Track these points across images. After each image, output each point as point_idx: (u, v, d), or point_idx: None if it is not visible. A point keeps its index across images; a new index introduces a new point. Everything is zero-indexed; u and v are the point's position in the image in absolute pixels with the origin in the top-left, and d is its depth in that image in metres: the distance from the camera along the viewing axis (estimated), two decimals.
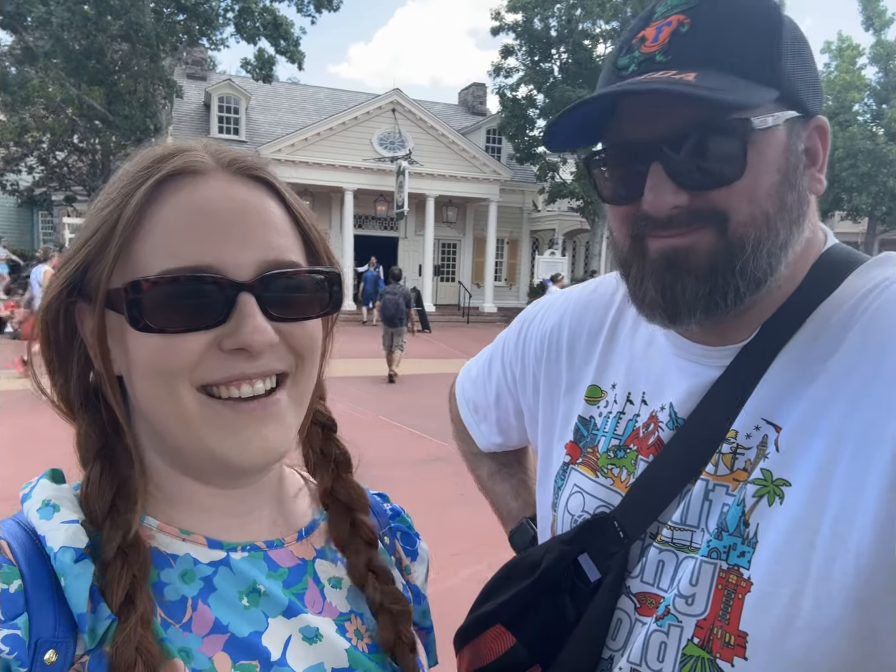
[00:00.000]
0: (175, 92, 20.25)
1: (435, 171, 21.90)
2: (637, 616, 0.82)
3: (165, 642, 0.57)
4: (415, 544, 0.87)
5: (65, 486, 0.63)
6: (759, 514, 0.72)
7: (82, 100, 19.71)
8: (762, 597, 0.70)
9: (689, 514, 0.79)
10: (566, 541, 0.89)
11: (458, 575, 4.01)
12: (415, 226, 23.87)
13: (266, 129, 23.56)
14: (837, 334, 0.74)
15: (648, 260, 0.77)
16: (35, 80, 19.75)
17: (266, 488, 0.71)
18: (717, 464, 0.78)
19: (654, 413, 0.88)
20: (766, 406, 0.76)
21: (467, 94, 31.55)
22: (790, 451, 0.73)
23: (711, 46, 0.72)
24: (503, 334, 1.21)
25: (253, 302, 0.59)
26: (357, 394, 9.73)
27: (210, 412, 0.59)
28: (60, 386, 0.65)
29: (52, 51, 18.31)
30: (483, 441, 1.26)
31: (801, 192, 0.76)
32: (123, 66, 20.02)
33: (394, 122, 21.65)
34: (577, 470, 0.95)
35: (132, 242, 0.58)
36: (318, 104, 26.62)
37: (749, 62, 0.71)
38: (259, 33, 20.19)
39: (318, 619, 0.67)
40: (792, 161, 0.75)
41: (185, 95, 21.95)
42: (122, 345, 0.60)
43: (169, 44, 19.53)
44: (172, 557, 0.62)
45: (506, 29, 22.92)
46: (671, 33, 0.73)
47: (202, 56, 26.32)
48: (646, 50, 0.74)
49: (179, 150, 0.63)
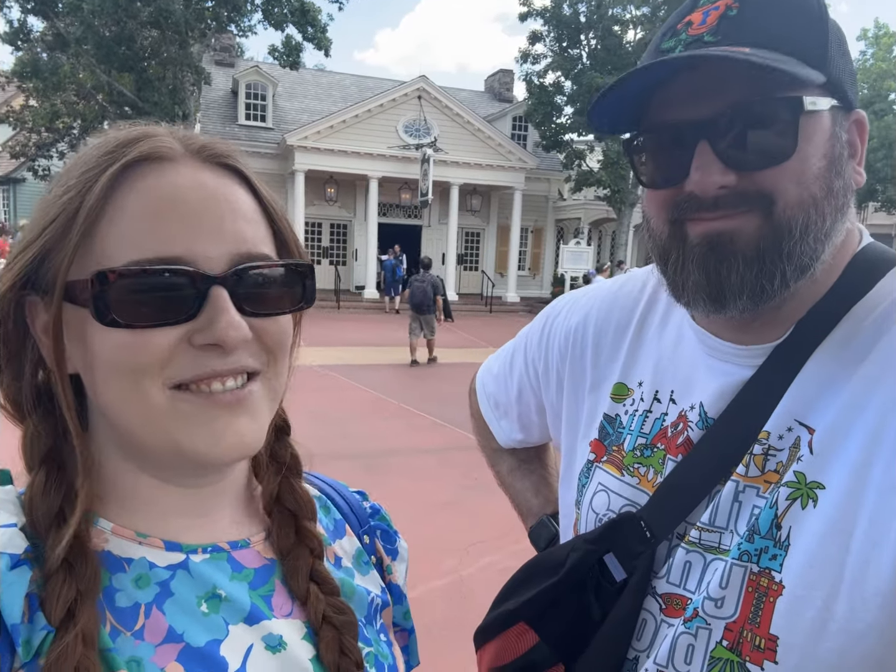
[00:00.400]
0: (203, 78, 20.40)
1: (460, 159, 21.80)
2: (663, 617, 0.81)
3: (112, 653, 0.54)
4: (395, 542, 0.84)
5: (9, 487, 0.59)
6: (792, 518, 0.71)
7: (112, 86, 19.95)
8: (794, 600, 0.69)
9: (718, 515, 0.78)
10: (591, 540, 0.88)
11: (477, 564, 4.03)
12: (439, 214, 23.82)
13: (293, 116, 23.62)
14: (872, 335, 0.73)
15: (690, 245, 0.76)
16: (66, 67, 20.01)
17: (229, 488, 0.67)
18: (748, 465, 0.77)
19: (683, 412, 0.87)
20: (799, 407, 0.75)
21: (494, 80, 31.28)
22: (824, 454, 0.71)
23: (761, 27, 0.71)
24: (526, 329, 1.20)
25: (226, 296, 0.56)
26: (380, 381, 9.78)
27: (181, 406, 0.56)
28: (7, 385, 0.60)
29: (83, 37, 18.55)
30: (503, 437, 1.25)
31: (846, 181, 0.75)
32: (153, 52, 20.22)
33: (419, 110, 21.56)
34: (602, 468, 0.94)
35: (94, 232, 0.55)
36: (344, 91, 26.62)
37: (799, 44, 0.71)
38: (286, 20, 20.24)
39: (283, 623, 0.64)
40: (837, 148, 0.74)
41: (213, 82, 22.12)
42: (81, 341, 0.56)
43: (198, 30, 19.66)
44: (127, 561, 0.58)
45: (534, 14, 22.63)
46: (720, 16, 0.72)
47: (230, 43, 26.43)
48: (693, 32, 0.74)
49: (145, 135, 0.59)
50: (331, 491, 0.83)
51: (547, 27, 22.70)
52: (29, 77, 20.21)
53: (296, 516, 0.71)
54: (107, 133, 0.61)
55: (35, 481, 0.57)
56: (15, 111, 22.18)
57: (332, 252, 23.37)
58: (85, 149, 0.60)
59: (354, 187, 22.53)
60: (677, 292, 0.80)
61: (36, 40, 20.15)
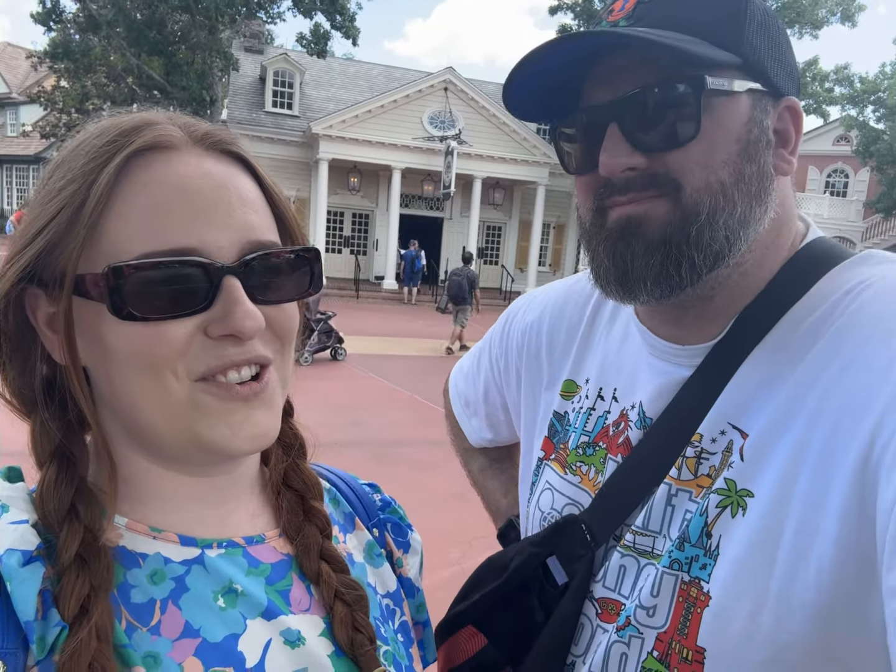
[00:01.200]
0: (232, 64, 20.51)
1: (483, 152, 21.71)
2: (598, 622, 0.80)
3: (128, 648, 0.54)
4: (406, 535, 0.84)
5: (20, 484, 0.58)
6: (722, 526, 0.70)
7: (142, 69, 20.14)
8: (721, 612, 0.68)
9: (652, 519, 0.77)
10: (536, 542, 0.87)
11: (480, 557, 4.03)
12: (460, 207, 23.76)
13: (319, 104, 23.66)
14: (809, 338, 0.71)
15: (605, 231, 0.75)
16: (97, 49, 20.22)
17: (243, 476, 0.67)
18: (680, 468, 0.76)
19: (624, 411, 0.86)
20: (733, 410, 0.73)
21: None
22: (755, 461, 0.70)
23: (674, 10, 0.71)
24: (492, 328, 1.20)
25: (239, 286, 0.56)
26: (394, 372, 9.80)
27: (201, 398, 0.56)
28: (12, 381, 0.60)
29: (114, 20, 18.74)
30: (474, 436, 1.25)
31: (762, 167, 0.72)
32: (183, 37, 20.36)
33: (445, 101, 21.49)
34: (550, 466, 0.93)
35: (101, 224, 0.54)
36: (370, 81, 26.60)
37: (711, 25, 0.70)
38: (315, 7, 20.27)
39: (302, 619, 0.64)
40: (754, 133, 0.72)
41: (241, 68, 22.21)
42: (93, 335, 0.56)
43: (227, 16, 19.76)
44: (141, 557, 0.58)
45: (564, 8, 22.45)
46: (636, 2, 0.72)
47: (259, 29, 26.50)
48: (611, 18, 0.74)
49: (145, 123, 0.58)
50: (340, 483, 0.82)
51: (577, 21, 22.48)
52: (60, 58, 20.47)
53: (303, 496, 0.71)
54: (103, 118, 0.60)
55: (46, 476, 0.57)
56: (46, 91, 22.47)
57: (353, 242, 23.41)
58: (83, 136, 0.58)
59: (377, 177, 22.53)
60: (596, 280, 0.79)
61: (68, 21, 20.38)
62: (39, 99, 22.38)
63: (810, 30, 26.60)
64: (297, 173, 21.83)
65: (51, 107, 22.49)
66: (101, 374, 0.58)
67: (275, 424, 0.61)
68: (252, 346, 0.58)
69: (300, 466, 0.73)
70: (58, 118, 23.02)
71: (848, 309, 0.70)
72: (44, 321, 0.58)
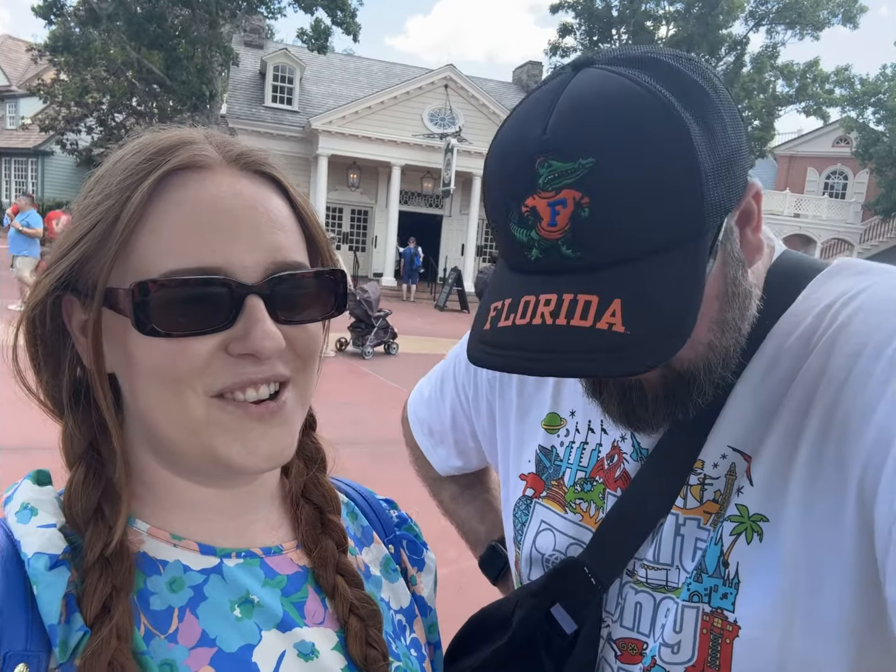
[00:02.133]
0: (232, 59, 20.46)
1: (483, 150, 21.48)
2: (619, 664, 0.79)
3: (145, 655, 0.54)
4: (421, 553, 0.83)
5: (48, 488, 0.60)
6: (739, 553, 0.70)
7: (142, 63, 20.07)
8: (751, 641, 0.68)
9: (662, 551, 0.76)
10: (535, 592, 0.84)
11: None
12: (460, 204, 23.73)
13: (318, 100, 23.62)
14: (797, 356, 0.71)
15: (607, 385, 0.75)
16: (97, 42, 20.16)
17: (263, 488, 0.68)
18: (685, 497, 0.75)
19: (615, 443, 0.84)
20: (731, 432, 0.73)
21: (522, 72, 30.98)
22: (765, 485, 0.69)
23: (621, 229, 0.60)
24: (454, 351, 1.13)
25: (261, 305, 0.56)
26: (393, 370, 9.81)
27: (218, 415, 0.57)
28: (46, 382, 0.62)
29: (114, 13, 18.67)
30: (441, 465, 1.19)
31: (741, 292, 0.69)
32: (183, 31, 20.30)
33: (445, 99, 21.46)
34: (543, 504, 0.89)
35: (134, 240, 0.55)
36: (371, 77, 26.55)
37: (672, 233, 0.60)
38: (316, 3, 20.23)
39: (316, 632, 0.64)
40: (730, 275, 0.67)
41: (241, 63, 22.16)
42: (120, 345, 0.57)
43: (228, 10, 19.71)
44: (162, 564, 0.59)
45: (565, 7, 22.43)
46: (570, 217, 0.60)
47: (260, 24, 26.42)
48: (546, 235, 0.61)
49: (183, 142, 0.59)
50: (358, 497, 0.83)
51: (578, 20, 22.50)
52: (61, 51, 20.41)
53: (321, 510, 0.72)
54: (142, 134, 0.61)
55: (74, 478, 0.58)
56: (46, 85, 22.41)
57: (352, 238, 23.39)
58: (122, 152, 0.60)
59: (377, 174, 22.50)
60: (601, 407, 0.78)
61: (69, 15, 20.31)
62: (39, 92, 22.32)
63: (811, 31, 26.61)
64: (296, 169, 21.79)
65: (50, 100, 22.43)
66: (127, 384, 0.59)
67: (291, 442, 0.62)
68: (271, 365, 0.58)
69: (320, 480, 0.74)
70: (57, 111, 22.96)
71: (833, 324, 0.69)
72: (77, 327, 0.60)
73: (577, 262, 0.61)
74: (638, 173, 0.59)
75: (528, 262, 0.64)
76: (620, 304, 0.59)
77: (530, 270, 0.64)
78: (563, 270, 0.62)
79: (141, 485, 0.62)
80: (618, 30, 21.96)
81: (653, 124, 0.59)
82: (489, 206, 0.68)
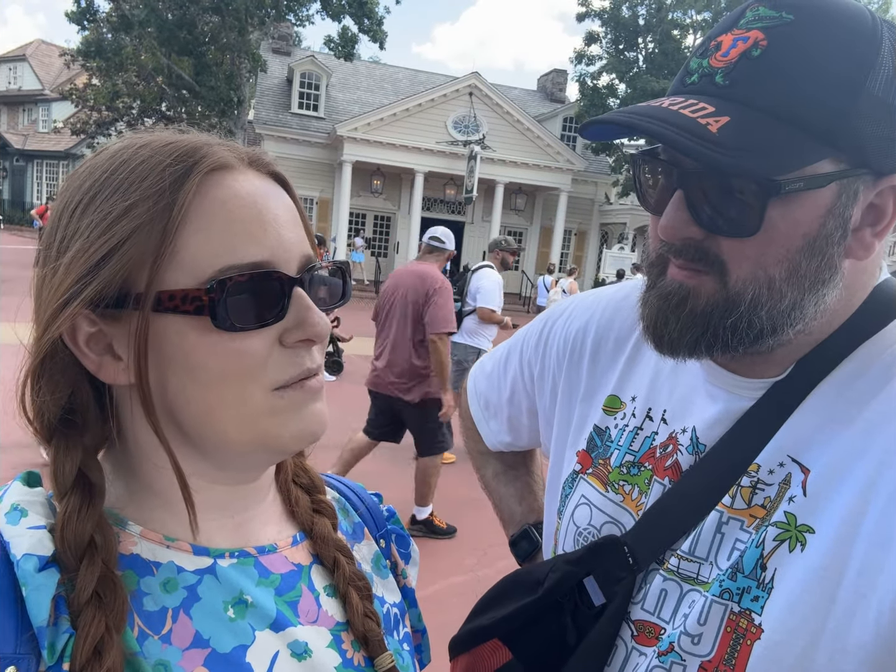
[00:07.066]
0: (260, 66, 20.72)
1: (507, 158, 21.71)
2: (634, 644, 0.80)
3: (139, 657, 0.54)
4: (408, 547, 0.85)
5: (38, 489, 0.59)
6: (779, 560, 0.69)
7: (172, 69, 20.43)
8: (773, 645, 0.67)
9: (699, 545, 0.76)
10: (573, 561, 0.86)
11: (494, 566, 4.02)
12: (482, 212, 23.77)
13: (344, 106, 23.83)
14: (879, 378, 0.70)
15: (659, 283, 0.75)
16: (129, 48, 20.55)
17: (263, 486, 0.69)
18: (734, 496, 0.75)
19: (673, 434, 0.84)
20: (794, 443, 0.73)
21: (547, 80, 31.03)
22: (817, 497, 0.69)
23: (776, 83, 0.63)
24: (524, 330, 1.16)
25: (305, 294, 0.60)
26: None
27: (277, 403, 0.58)
28: (42, 403, 0.58)
29: (146, 20, 19.03)
30: (491, 438, 1.22)
31: (827, 259, 0.68)
32: (213, 38, 20.62)
33: (469, 106, 21.53)
34: (587, 480, 0.92)
35: (178, 240, 0.55)
36: (396, 84, 26.74)
37: (809, 115, 0.63)
38: (344, 11, 20.44)
39: (309, 630, 0.65)
40: (828, 227, 0.67)
41: (268, 70, 22.46)
42: (167, 349, 0.56)
43: (257, 18, 19.98)
44: (155, 565, 0.58)
45: (592, 15, 22.42)
46: (741, 53, 0.65)
47: (288, 31, 26.76)
48: (714, 63, 0.68)
49: (203, 143, 0.59)
50: (349, 493, 0.83)
51: (605, 28, 22.45)
52: (93, 56, 20.84)
53: (309, 492, 0.74)
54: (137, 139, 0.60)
55: (69, 507, 0.56)
56: (78, 89, 22.87)
57: (375, 244, 23.52)
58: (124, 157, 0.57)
59: (400, 180, 22.62)
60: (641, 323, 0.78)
61: (102, 20, 20.74)
62: (71, 96, 22.78)
63: None
64: (321, 174, 21.99)
65: (82, 104, 22.86)
66: (173, 389, 0.57)
67: (328, 416, 0.64)
68: (316, 352, 0.62)
69: (304, 465, 0.77)
70: (88, 115, 23.39)
71: None
72: (84, 341, 0.57)
73: (721, 90, 0.66)
74: (817, 53, 0.63)
75: (683, 85, 0.71)
76: (728, 120, 0.63)
77: (678, 91, 0.71)
78: (706, 93, 0.67)
79: (139, 490, 0.61)
80: (644, 38, 21.89)
81: (856, 26, 0.64)
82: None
